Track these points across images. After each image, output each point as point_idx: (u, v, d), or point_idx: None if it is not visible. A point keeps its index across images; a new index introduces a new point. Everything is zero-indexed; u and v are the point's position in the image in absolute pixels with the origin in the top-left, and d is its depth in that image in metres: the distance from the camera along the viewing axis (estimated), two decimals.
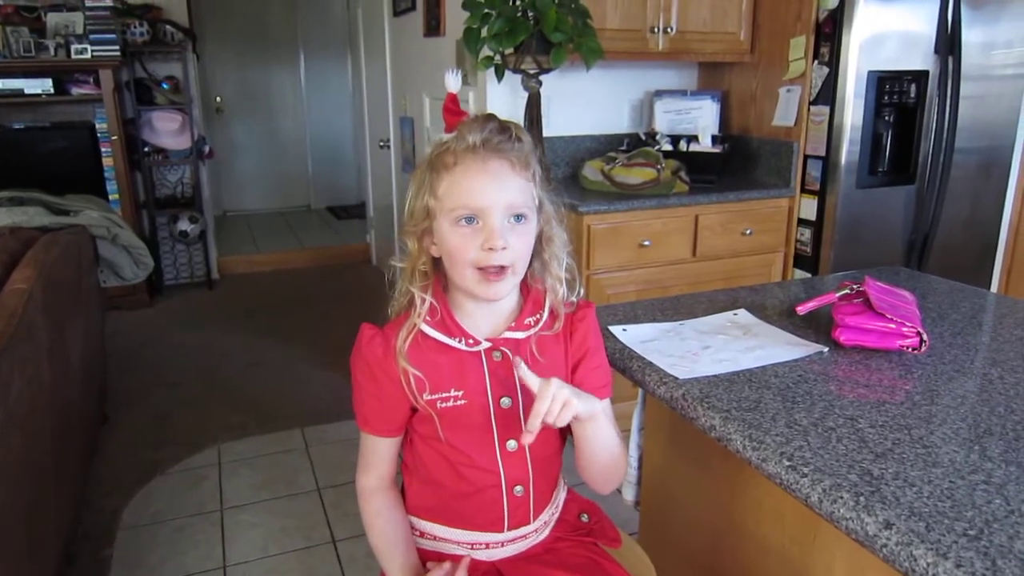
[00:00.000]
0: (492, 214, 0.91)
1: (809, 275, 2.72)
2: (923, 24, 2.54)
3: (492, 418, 0.98)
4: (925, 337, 1.13)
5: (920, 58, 2.58)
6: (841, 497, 0.78)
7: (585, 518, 1.13)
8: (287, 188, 6.97)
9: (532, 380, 0.91)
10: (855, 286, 1.24)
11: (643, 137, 2.91)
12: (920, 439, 0.89)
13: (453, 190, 0.92)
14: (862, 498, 0.77)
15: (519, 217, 0.93)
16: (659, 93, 3.02)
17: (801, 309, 1.26)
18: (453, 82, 1.08)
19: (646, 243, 2.52)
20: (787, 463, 0.85)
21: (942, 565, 0.67)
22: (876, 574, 0.95)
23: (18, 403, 1.46)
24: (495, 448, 0.99)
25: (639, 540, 1.41)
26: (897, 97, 2.59)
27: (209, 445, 2.71)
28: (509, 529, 1.03)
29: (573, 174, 2.89)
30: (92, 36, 3.86)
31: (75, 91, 4.00)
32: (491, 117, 0.95)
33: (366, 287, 4.70)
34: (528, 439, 0.90)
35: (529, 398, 0.98)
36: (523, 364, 0.92)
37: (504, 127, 0.94)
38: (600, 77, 2.87)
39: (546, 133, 2.66)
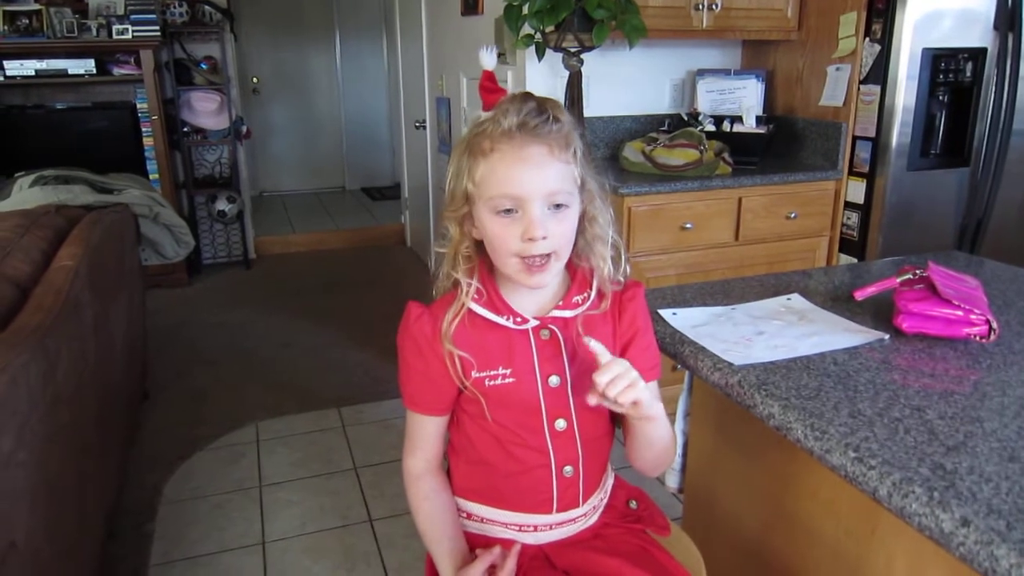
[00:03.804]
0: (531, 204, 0.88)
1: (855, 260, 2.64)
2: None
3: (541, 397, 0.96)
4: (995, 325, 1.07)
5: (978, 35, 2.47)
6: (913, 491, 0.74)
7: (634, 505, 1.10)
8: (322, 169, 7.01)
9: (602, 352, 0.89)
10: (917, 271, 1.19)
11: (685, 117, 2.84)
12: (993, 432, 0.85)
13: (490, 178, 0.90)
14: (936, 493, 0.73)
15: (559, 204, 0.91)
16: (702, 72, 2.95)
17: (860, 294, 1.21)
18: (488, 59, 1.04)
19: (688, 226, 2.47)
20: (853, 455, 0.81)
21: None
22: (940, 570, 0.92)
23: (65, 380, 1.48)
24: (544, 427, 0.98)
25: (682, 527, 1.38)
26: (952, 76, 2.49)
27: (247, 423, 2.74)
28: (558, 511, 1.01)
29: (613, 155, 2.84)
30: (133, 16, 3.90)
31: (116, 71, 4.05)
32: (528, 96, 0.92)
33: (401, 268, 4.70)
34: (593, 401, 0.88)
35: (578, 377, 0.96)
36: (592, 339, 0.90)
37: (542, 108, 0.90)
38: (641, 56, 2.81)
39: (586, 113, 2.62)
